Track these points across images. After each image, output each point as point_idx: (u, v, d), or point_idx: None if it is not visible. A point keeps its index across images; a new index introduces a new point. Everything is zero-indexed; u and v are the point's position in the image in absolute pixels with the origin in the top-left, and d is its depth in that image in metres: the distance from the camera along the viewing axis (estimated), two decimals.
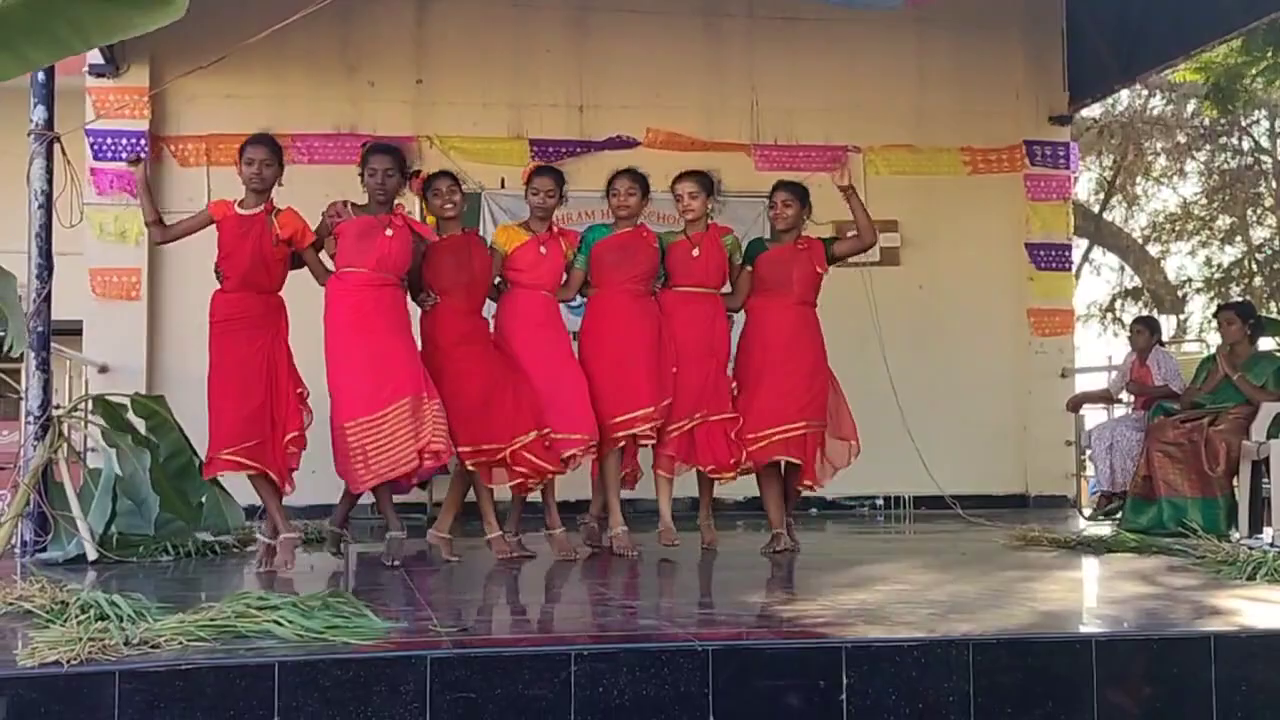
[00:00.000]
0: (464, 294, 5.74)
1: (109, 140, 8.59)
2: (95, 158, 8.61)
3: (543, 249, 5.89)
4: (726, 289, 6.24)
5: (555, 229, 6.04)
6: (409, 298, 5.71)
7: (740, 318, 6.31)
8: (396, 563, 5.45)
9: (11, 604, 3.87)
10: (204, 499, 6.29)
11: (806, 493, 6.17)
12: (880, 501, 9.30)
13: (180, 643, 3.25)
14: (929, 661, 3.37)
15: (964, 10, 9.36)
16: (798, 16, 9.36)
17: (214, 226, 5.46)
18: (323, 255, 5.64)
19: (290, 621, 3.40)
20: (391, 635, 3.45)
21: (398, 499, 5.79)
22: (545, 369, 5.80)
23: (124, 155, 8.54)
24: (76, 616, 3.40)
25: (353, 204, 5.59)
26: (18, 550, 5.72)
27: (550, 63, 9.35)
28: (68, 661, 3.04)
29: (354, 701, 3.11)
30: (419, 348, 5.65)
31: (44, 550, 5.77)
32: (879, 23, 9.32)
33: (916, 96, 9.65)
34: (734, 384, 6.09)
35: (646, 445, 6.02)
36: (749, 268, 6.19)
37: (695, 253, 6.04)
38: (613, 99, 9.32)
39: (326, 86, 9.03)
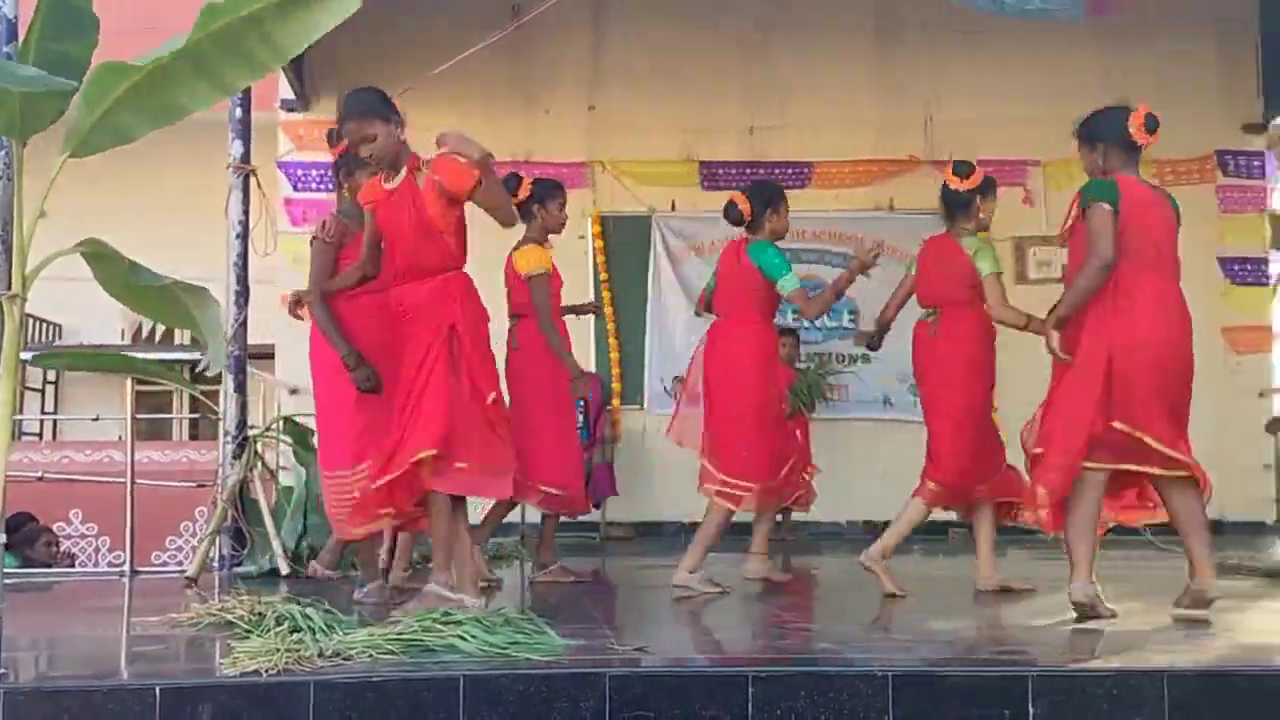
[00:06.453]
0: None
1: (300, 172, 8.98)
2: (295, 189, 9.00)
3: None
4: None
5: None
6: None
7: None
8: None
9: (214, 615, 4.07)
10: None
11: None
12: None
13: (370, 655, 3.37)
14: (1121, 693, 3.24)
15: (1150, 17, 9.03)
16: (975, 29, 9.18)
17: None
18: None
19: (474, 637, 3.49)
20: (570, 652, 3.51)
21: None
22: None
23: (313, 184, 8.93)
24: (273, 628, 3.56)
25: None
26: (216, 564, 6.00)
27: (720, 85, 9.39)
28: (266, 671, 3.18)
29: (535, 717, 3.16)
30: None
31: (240, 564, 6.04)
32: (1060, 32, 9.08)
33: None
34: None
35: None
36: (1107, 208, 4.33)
37: None
38: (782, 119, 9.30)
39: (504, 116, 9.26)
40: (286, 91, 8.82)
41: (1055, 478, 4.27)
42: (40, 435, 12.02)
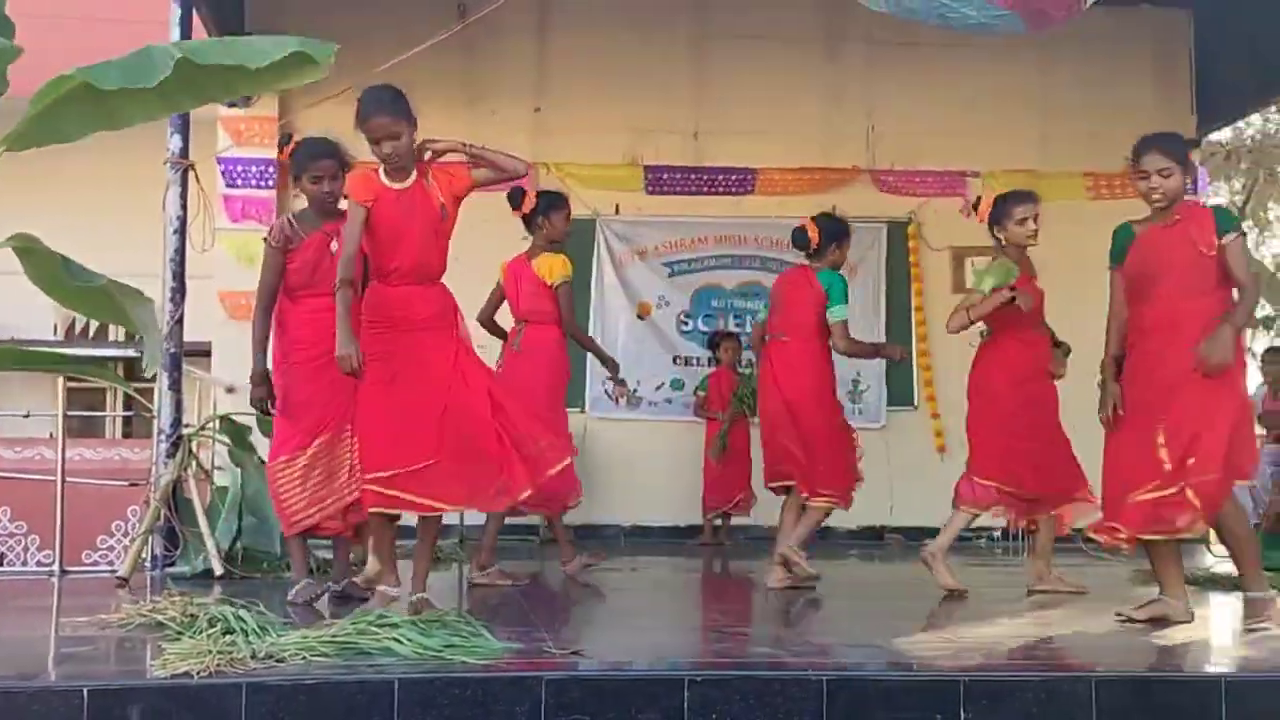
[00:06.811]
0: None
1: (240, 168, 8.87)
2: (228, 185, 8.88)
3: None
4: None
5: None
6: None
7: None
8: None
9: (145, 616, 4.01)
10: None
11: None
12: (997, 534, 9.09)
13: (304, 658, 3.34)
14: (1050, 697, 3.30)
15: (1088, 33, 9.18)
16: (917, 41, 9.24)
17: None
18: None
19: (410, 640, 3.47)
20: (507, 656, 3.49)
21: None
22: None
23: (253, 181, 8.84)
24: (205, 629, 3.52)
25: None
26: (148, 564, 5.91)
27: (666, 89, 9.41)
28: (198, 673, 3.14)
29: None
30: None
31: (173, 565, 5.96)
32: (1001, 46, 9.18)
33: (1039, 120, 9.48)
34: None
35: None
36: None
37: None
38: (727, 125, 9.34)
39: (450, 117, 9.16)
40: None
41: (1217, 497, 4.37)
42: None
